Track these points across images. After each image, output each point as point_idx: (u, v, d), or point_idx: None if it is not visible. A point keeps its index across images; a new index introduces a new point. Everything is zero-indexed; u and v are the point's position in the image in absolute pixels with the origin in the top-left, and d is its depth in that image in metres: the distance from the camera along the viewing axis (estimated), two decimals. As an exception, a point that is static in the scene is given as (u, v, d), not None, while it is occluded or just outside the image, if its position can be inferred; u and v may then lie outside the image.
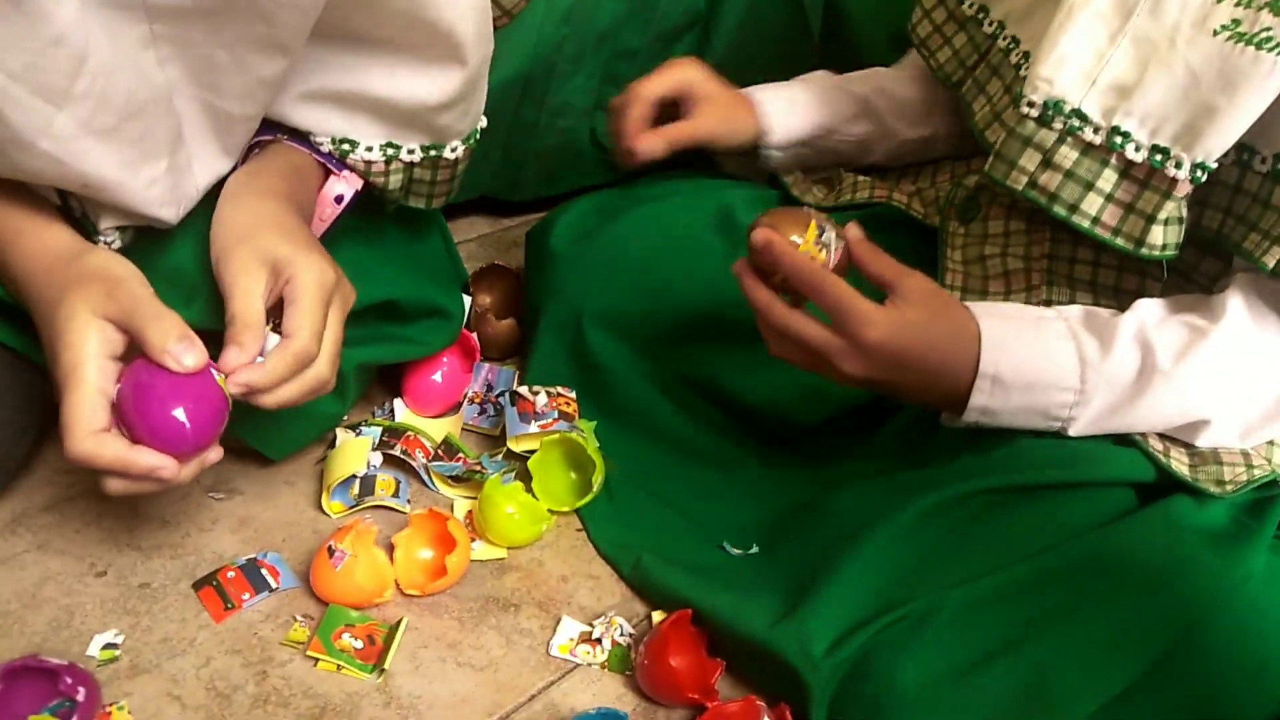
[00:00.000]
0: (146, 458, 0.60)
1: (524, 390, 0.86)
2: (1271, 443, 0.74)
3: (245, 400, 0.63)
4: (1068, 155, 0.73)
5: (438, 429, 0.88)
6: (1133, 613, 0.67)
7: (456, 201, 1.14)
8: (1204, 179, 0.70)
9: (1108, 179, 0.73)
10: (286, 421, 0.80)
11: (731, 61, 1.15)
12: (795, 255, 0.71)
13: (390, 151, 0.78)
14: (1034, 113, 0.74)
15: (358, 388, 0.85)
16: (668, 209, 0.96)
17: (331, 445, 0.84)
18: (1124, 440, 0.74)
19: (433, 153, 0.80)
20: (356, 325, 0.80)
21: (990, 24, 0.87)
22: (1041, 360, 0.71)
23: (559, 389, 0.87)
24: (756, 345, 0.91)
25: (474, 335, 0.94)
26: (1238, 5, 0.68)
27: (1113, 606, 0.67)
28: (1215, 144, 0.68)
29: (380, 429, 0.85)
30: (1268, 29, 0.66)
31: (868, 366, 0.70)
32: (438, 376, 0.92)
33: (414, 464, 0.83)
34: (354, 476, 0.80)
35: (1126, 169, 0.72)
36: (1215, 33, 0.68)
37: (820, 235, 0.71)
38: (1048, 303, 0.85)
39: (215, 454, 0.65)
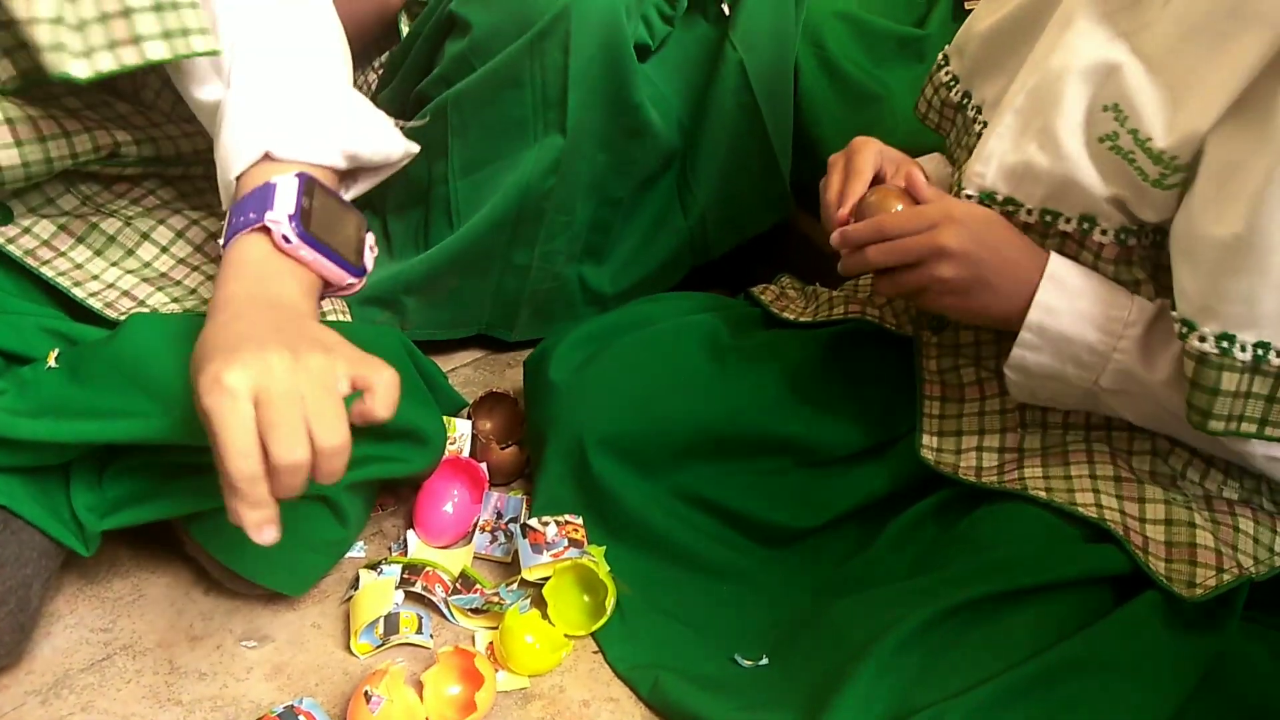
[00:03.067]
0: None
1: (534, 522, 0.90)
2: (1236, 546, 0.80)
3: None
4: None
5: (452, 560, 0.92)
6: (1122, 708, 0.72)
7: (454, 338, 1.21)
8: (1131, 242, 0.80)
9: (1049, 246, 0.82)
10: (298, 555, 0.85)
11: (709, 199, 1.23)
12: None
13: None
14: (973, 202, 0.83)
15: (355, 512, 0.89)
16: (658, 335, 1.02)
17: (355, 586, 0.88)
18: (1100, 537, 0.80)
19: None
20: None
21: (972, 109, 0.94)
22: (1105, 284, 0.80)
23: (567, 517, 0.91)
24: (753, 459, 0.97)
25: (482, 465, 0.98)
26: (1115, 120, 0.77)
27: (1104, 704, 0.73)
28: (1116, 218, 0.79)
29: (400, 566, 0.88)
30: (1131, 152, 0.76)
31: (967, 237, 0.78)
32: (448, 507, 0.96)
33: (434, 599, 0.87)
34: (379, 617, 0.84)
35: (1063, 238, 0.82)
36: (1100, 140, 0.78)
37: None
38: (1020, 409, 0.91)
39: None
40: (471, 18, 1.07)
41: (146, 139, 0.89)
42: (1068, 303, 0.79)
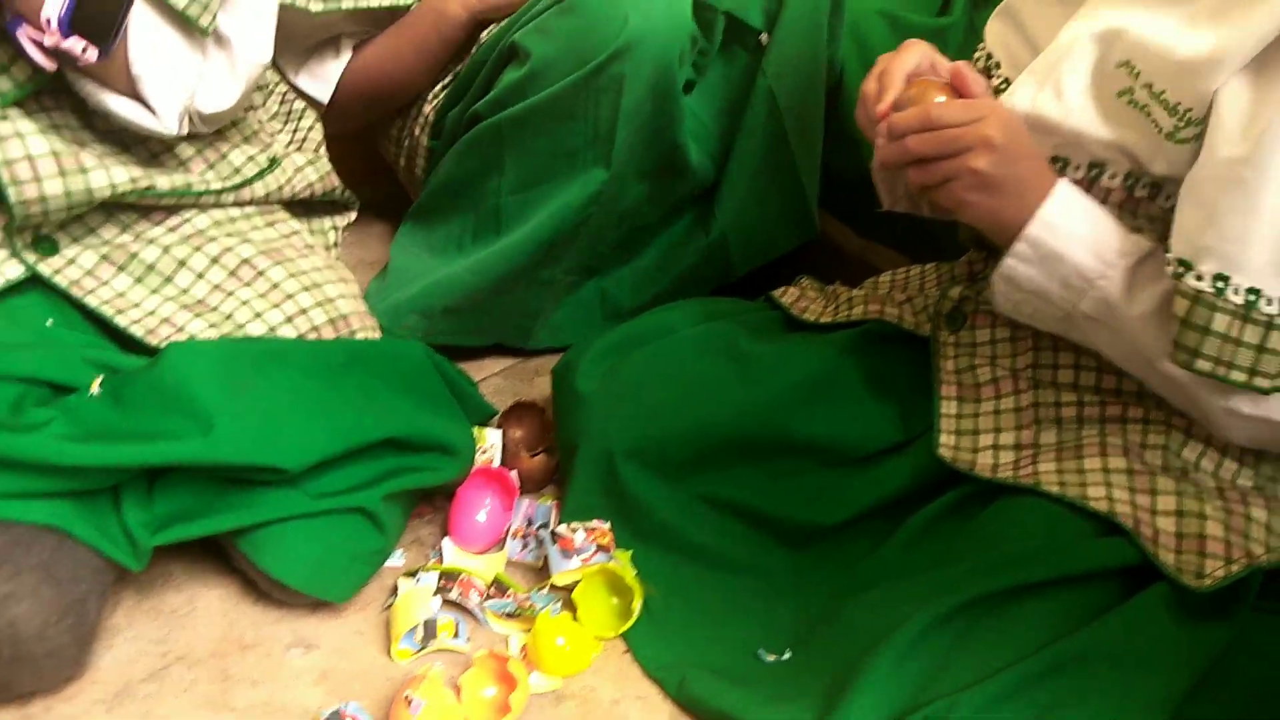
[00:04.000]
0: None
1: (562, 529, 0.94)
2: (1248, 535, 0.81)
3: None
4: None
5: (486, 566, 0.96)
6: (1132, 696, 0.75)
7: (473, 344, 1.25)
8: (1139, 193, 0.83)
9: None
10: (341, 565, 0.89)
11: (731, 221, 1.27)
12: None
13: None
14: None
15: (393, 521, 0.93)
16: (679, 343, 1.05)
17: (395, 594, 0.92)
18: (1112, 529, 0.82)
19: None
20: (370, 460, 0.90)
21: (993, 65, 0.97)
22: (1108, 214, 0.83)
23: (595, 523, 0.95)
24: (775, 460, 1.00)
25: (512, 473, 1.02)
26: (1129, 75, 0.81)
27: (1112, 694, 0.75)
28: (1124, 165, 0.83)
29: (437, 574, 0.93)
30: (1147, 105, 0.80)
31: (1010, 133, 0.81)
32: (481, 516, 1.00)
33: (470, 605, 0.91)
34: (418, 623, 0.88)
35: (1073, 181, 0.84)
36: (1118, 95, 0.81)
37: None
38: (1035, 406, 0.93)
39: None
40: (532, 48, 1.11)
41: (179, 169, 0.95)
42: (1069, 223, 0.81)
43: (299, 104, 1.17)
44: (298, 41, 1.22)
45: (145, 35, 0.89)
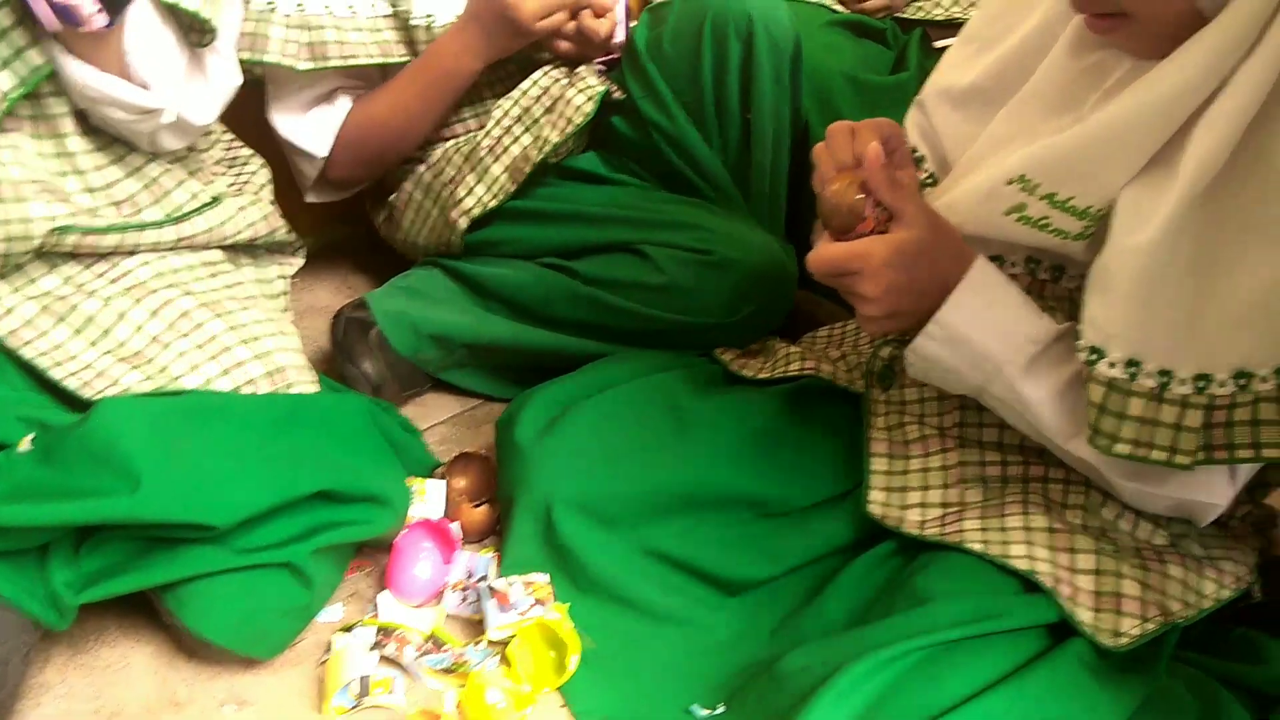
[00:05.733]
0: None
1: (499, 583, 0.95)
2: (1166, 592, 0.84)
3: None
4: None
5: (425, 619, 0.97)
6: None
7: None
8: (1042, 276, 0.87)
9: None
10: (264, 621, 0.89)
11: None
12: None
13: None
14: None
15: (321, 576, 0.93)
16: (619, 397, 1.07)
17: (330, 650, 0.92)
18: (1031, 588, 0.85)
19: None
20: (299, 514, 0.90)
21: (927, 175, 0.99)
22: (1021, 298, 0.84)
23: (531, 576, 0.96)
24: (713, 513, 1.02)
25: (454, 526, 1.03)
26: (1021, 190, 0.81)
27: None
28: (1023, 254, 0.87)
29: (374, 629, 0.93)
30: (1045, 217, 0.81)
31: (883, 284, 0.80)
32: (420, 569, 1.00)
33: (405, 661, 0.92)
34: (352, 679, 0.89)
35: None
36: (1006, 213, 0.82)
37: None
38: (961, 465, 0.96)
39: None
40: (664, 267, 1.19)
41: (125, 203, 0.96)
42: (979, 306, 0.83)
43: (245, 150, 1.18)
44: (291, 95, 1.23)
45: (143, 20, 0.91)
